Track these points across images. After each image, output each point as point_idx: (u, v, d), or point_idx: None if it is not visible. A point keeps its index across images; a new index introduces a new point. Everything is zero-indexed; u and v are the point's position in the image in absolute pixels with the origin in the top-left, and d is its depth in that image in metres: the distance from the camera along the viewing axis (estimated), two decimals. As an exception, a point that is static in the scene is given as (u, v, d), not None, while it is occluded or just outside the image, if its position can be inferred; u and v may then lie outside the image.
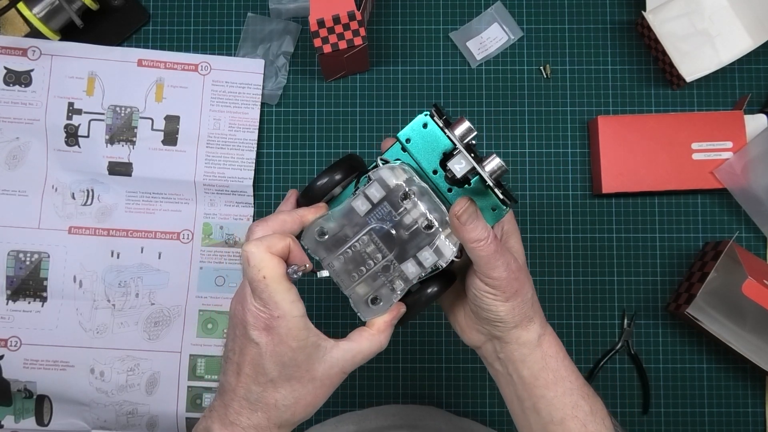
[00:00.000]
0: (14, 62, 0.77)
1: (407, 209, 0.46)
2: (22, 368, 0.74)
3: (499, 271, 0.45)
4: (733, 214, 0.78)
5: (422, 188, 0.46)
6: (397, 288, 0.48)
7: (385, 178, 0.46)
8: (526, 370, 0.49)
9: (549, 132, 0.79)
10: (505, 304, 0.47)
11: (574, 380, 0.49)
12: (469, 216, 0.44)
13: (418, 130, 0.47)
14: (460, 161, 0.45)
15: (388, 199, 0.46)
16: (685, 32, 0.76)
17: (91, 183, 0.76)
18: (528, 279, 0.48)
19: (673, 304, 0.75)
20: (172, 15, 0.80)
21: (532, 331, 0.49)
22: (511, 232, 0.52)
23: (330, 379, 0.46)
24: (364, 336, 0.47)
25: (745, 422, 0.76)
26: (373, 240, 0.47)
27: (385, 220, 0.46)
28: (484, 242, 0.44)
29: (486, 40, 0.79)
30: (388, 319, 0.48)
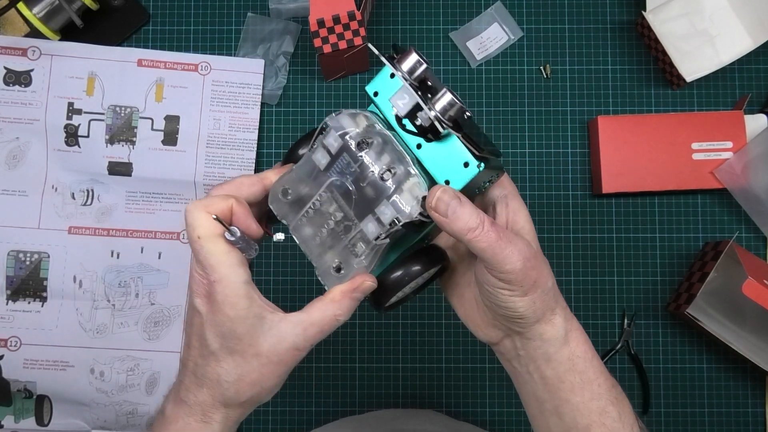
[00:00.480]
0: (14, 62, 0.77)
1: (366, 160, 0.40)
2: (22, 368, 0.74)
3: (511, 263, 0.39)
4: (733, 214, 0.78)
5: (385, 136, 0.40)
6: (359, 251, 0.41)
7: (345, 124, 0.40)
8: (550, 370, 0.43)
9: (549, 132, 0.79)
10: (523, 299, 0.41)
11: (603, 382, 0.44)
12: (447, 205, 0.38)
13: (385, 80, 0.42)
14: (402, 96, 0.39)
15: (347, 149, 0.40)
16: (685, 32, 0.76)
17: (91, 183, 0.76)
18: (545, 264, 0.42)
19: (673, 304, 0.75)
20: (172, 15, 0.80)
21: (557, 326, 0.42)
22: (518, 209, 0.44)
23: (278, 356, 0.41)
24: (316, 306, 0.41)
25: (745, 422, 0.76)
26: (335, 197, 0.41)
27: (345, 174, 0.40)
28: (478, 231, 0.38)
29: (486, 40, 0.79)
30: (346, 288, 0.42)
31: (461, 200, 0.39)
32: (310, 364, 0.76)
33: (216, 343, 0.40)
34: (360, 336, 0.77)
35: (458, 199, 0.39)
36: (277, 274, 0.78)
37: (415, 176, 0.39)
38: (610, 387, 0.44)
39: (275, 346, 0.40)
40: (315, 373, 0.77)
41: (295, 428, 0.76)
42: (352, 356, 0.77)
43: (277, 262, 0.78)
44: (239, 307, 0.39)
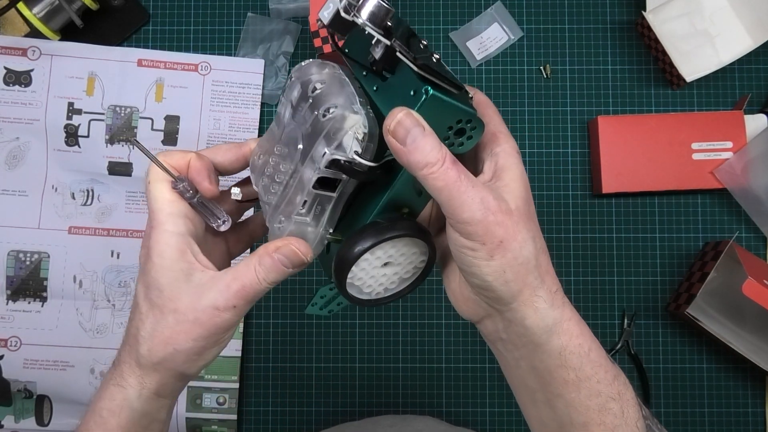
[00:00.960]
0: (14, 62, 0.77)
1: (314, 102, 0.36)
2: (22, 368, 0.74)
3: (469, 210, 0.34)
4: (733, 214, 0.78)
5: (341, 80, 0.36)
6: (297, 199, 0.36)
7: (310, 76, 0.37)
8: (539, 362, 0.38)
9: (549, 132, 0.79)
10: (489, 262, 0.35)
11: (603, 377, 0.38)
12: (407, 131, 0.33)
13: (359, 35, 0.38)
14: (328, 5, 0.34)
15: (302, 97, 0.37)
16: (685, 32, 0.76)
17: (91, 183, 0.76)
18: (525, 228, 0.36)
19: (673, 304, 0.75)
20: (172, 15, 0.80)
21: (540, 312, 0.36)
22: (508, 167, 0.37)
23: (195, 313, 0.37)
24: (243, 261, 0.38)
25: (745, 422, 0.76)
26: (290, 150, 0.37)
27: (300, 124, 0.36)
28: (436, 167, 0.33)
29: (486, 40, 0.79)
30: (270, 245, 0.38)
31: (425, 129, 0.33)
32: (310, 365, 0.77)
33: (141, 293, 0.39)
34: (360, 336, 0.77)
35: (422, 127, 0.33)
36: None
37: (357, 114, 0.34)
38: (611, 380, 0.39)
39: (194, 302, 0.37)
40: (315, 373, 0.77)
41: (295, 428, 0.76)
42: (352, 356, 0.77)
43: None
44: (166, 256, 0.37)
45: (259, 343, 0.77)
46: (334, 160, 0.34)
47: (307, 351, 0.77)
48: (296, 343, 0.77)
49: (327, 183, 0.36)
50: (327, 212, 0.38)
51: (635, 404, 0.39)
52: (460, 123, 0.35)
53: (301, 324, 0.77)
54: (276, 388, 0.76)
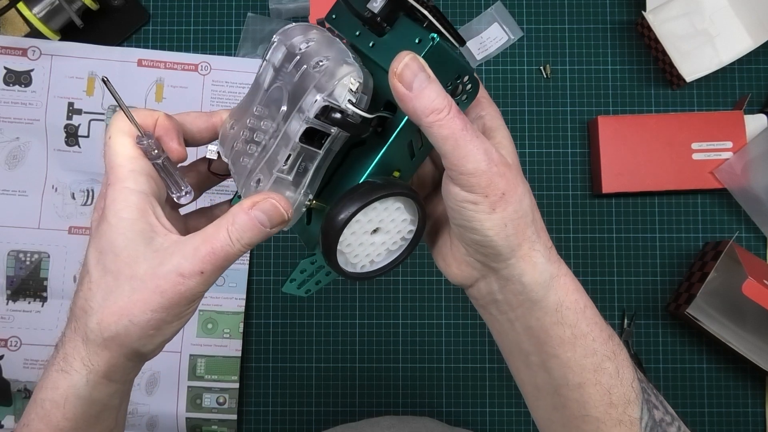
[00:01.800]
0: (14, 62, 0.77)
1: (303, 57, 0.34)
2: (22, 368, 0.74)
3: (474, 161, 0.33)
4: (733, 214, 0.78)
5: (323, 38, 0.35)
6: (280, 156, 0.34)
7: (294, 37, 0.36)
8: (534, 320, 0.37)
9: (549, 132, 0.79)
10: (491, 215, 0.34)
11: (598, 335, 0.37)
12: (414, 75, 0.32)
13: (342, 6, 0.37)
14: None
15: (287, 58, 0.35)
16: (685, 32, 0.76)
17: (91, 183, 0.76)
18: (523, 182, 0.35)
19: (673, 304, 0.75)
20: (172, 15, 0.80)
21: (538, 267, 0.36)
22: (496, 128, 0.38)
23: (155, 280, 0.33)
24: (211, 224, 0.34)
25: (745, 422, 0.76)
26: (270, 110, 0.35)
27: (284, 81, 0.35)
28: (443, 114, 0.32)
29: (486, 40, 0.79)
30: (246, 202, 0.34)
31: (430, 76, 0.32)
32: (310, 365, 0.77)
33: (93, 259, 0.34)
34: (360, 336, 0.77)
35: (427, 73, 0.32)
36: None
37: (351, 65, 0.33)
38: (607, 339, 0.38)
39: (155, 267, 0.33)
40: (315, 373, 0.77)
41: (295, 428, 0.76)
42: (352, 356, 0.77)
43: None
44: (124, 216, 0.33)
45: (259, 343, 0.77)
46: (325, 108, 0.32)
47: (307, 351, 0.77)
48: (296, 343, 0.77)
49: (313, 138, 0.34)
50: (310, 173, 0.35)
51: (630, 365, 0.39)
52: (458, 79, 0.35)
53: (301, 324, 0.77)
54: (276, 388, 0.76)
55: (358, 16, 0.35)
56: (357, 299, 0.77)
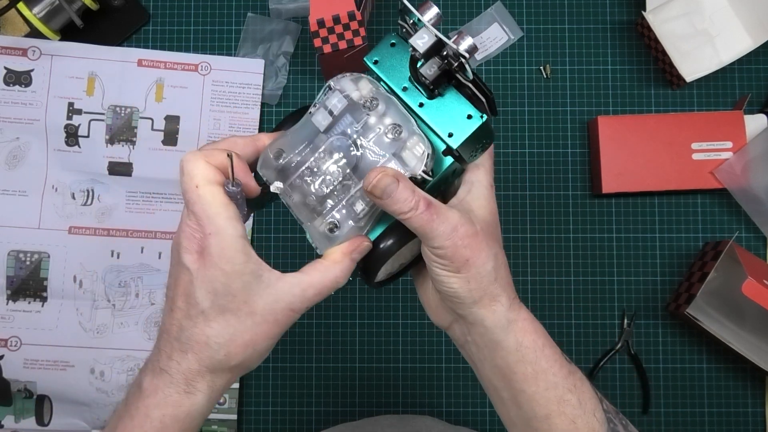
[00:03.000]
0: (14, 62, 0.77)
1: (372, 121, 0.40)
2: (22, 368, 0.74)
3: (440, 240, 0.39)
4: (733, 214, 0.78)
5: (388, 99, 0.41)
6: (358, 210, 0.41)
7: (347, 89, 0.41)
8: (500, 359, 0.43)
9: (549, 132, 0.79)
10: (457, 275, 0.41)
11: (558, 371, 0.43)
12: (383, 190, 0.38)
13: (386, 49, 0.43)
14: (422, 35, 0.38)
15: (350, 110, 0.40)
16: (685, 32, 0.76)
17: (91, 183, 0.76)
18: (487, 247, 0.41)
19: (673, 304, 0.75)
20: (172, 15, 0.80)
21: (497, 314, 0.42)
22: (478, 196, 0.43)
23: (274, 315, 0.39)
24: (316, 267, 0.41)
25: (745, 422, 0.76)
26: (333, 157, 0.41)
27: (347, 134, 0.40)
28: (411, 213, 0.39)
29: (486, 40, 0.79)
30: (346, 249, 0.41)
31: (398, 183, 0.38)
32: (310, 365, 0.77)
33: (207, 300, 0.38)
34: (360, 336, 0.77)
35: (396, 182, 0.38)
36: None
37: (418, 135, 0.40)
38: (567, 375, 0.43)
39: (271, 305, 0.39)
40: (315, 373, 0.77)
41: (295, 428, 0.76)
42: (352, 356, 0.77)
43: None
44: (236, 261, 0.38)
45: (259, 343, 0.76)
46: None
47: (307, 351, 0.77)
48: (296, 343, 0.77)
49: None
50: (375, 216, 0.42)
51: (593, 396, 0.44)
52: (484, 142, 0.42)
53: (301, 324, 0.77)
54: (276, 388, 0.76)
55: (417, 81, 0.41)
56: (357, 299, 0.77)
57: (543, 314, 0.77)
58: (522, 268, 0.77)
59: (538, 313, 0.77)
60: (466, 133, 0.40)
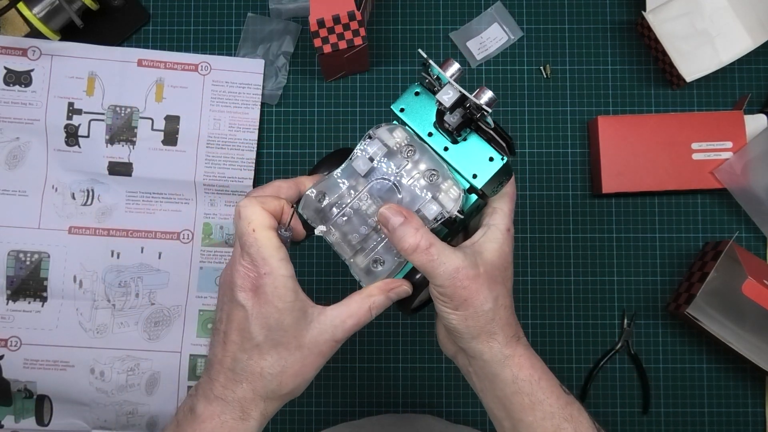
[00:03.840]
0: (14, 62, 0.77)
1: (407, 166, 0.45)
2: (22, 368, 0.74)
3: (440, 279, 0.43)
4: (733, 214, 0.78)
5: (421, 146, 0.46)
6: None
7: (385, 138, 0.46)
8: (499, 391, 0.46)
9: (549, 132, 0.79)
10: (455, 312, 0.44)
11: (554, 402, 0.46)
12: (387, 219, 0.43)
13: (411, 98, 0.48)
14: (447, 91, 0.43)
15: (388, 156, 0.45)
16: (685, 32, 0.76)
17: (91, 183, 0.76)
18: (487, 290, 0.44)
19: (673, 304, 0.75)
20: (172, 15, 0.80)
21: (494, 350, 0.45)
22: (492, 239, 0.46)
23: (319, 347, 0.44)
24: (353, 299, 0.45)
25: (745, 422, 0.76)
26: (374, 199, 0.46)
27: (386, 179, 0.46)
28: (411, 252, 0.43)
29: (486, 40, 0.79)
30: (384, 286, 0.45)
31: (405, 218, 0.43)
32: (310, 364, 0.76)
33: (261, 335, 0.42)
34: (360, 336, 0.77)
35: (402, 217, 0.43)
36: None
37: (451, 178, 0.45)
38: (564, 405, 0.46)
39: (316, 337, 0.44)
40: (315, 373, 0.76)
41: (295, 428, 0.76)
42: (352, 356, 0.77)
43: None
44: (287, 299, 0.42)
45: (259, 343, 0.76)
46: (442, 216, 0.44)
47: (307, 351, 0.77)
48: (296, 343, 0.77)
49: None
50: None
51: (590, 426, 0.47)
52: (504, 179, 0.46)
53: (301, 324, 0.77)
54: (276, 388, 0.76)
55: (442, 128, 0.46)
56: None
57: (543, 314, 0.77)
58: (522, 268, 0.77)
59: (538, 313, 0.77)
60: (489, 174, 0.45)
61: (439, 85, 0.46)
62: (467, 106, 0.43)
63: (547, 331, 0.77)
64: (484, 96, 0.42)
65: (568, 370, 0.77)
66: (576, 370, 0.77)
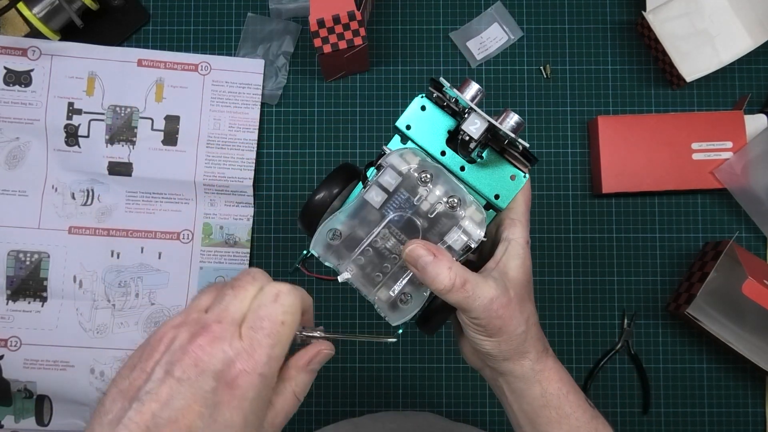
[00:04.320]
0: (14, 62, 0.77)
1: (425, 194, 0.42)
2: (22, 368, 0.74)
3: (476, 314, 0.42)
4: (733, 214, 0.78)
5: (437, 169, 0.42)
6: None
7: (397, 165, 0.41)
8: (526, 405, 0.46)
9: (549, 132, 0.79)
10: (490, 339, 0.44)
11: (581, 416, 0.46)
12: (416, 259, 0.40)
13: (417, 113, 0.44)
14: (474, 121, 0.39)
15: (403, 185, 0.41)
16: (685, 32, 0.76)
17: (91, 183, 0.76)
18: (520, 314, 0.44)
19: (673, 304, 0.75)
20: (172, 15, 0.80)
21: (525, 368, 0.46)
22: (514, 256, 0.45)
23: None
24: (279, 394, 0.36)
25: (745, 422, 0.76)
26: (393, 233, 0.42)
27: (404, 209, 0.42)
28: (446, 291, 0.41)
29: (486, 40, 0.79)
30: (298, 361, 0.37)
31: (435, 256, 0.41)
32: (310, 364, 0.76)
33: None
34: (360, 336, 0.77)
35: (432, 255, 0.41)
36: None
37: (474, 202, 0.42)
38: (590, 419, 0.46)
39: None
40: (315, 373, 0.76)
41: (295, 428, 0.76)
42: (352, 356, 0.77)
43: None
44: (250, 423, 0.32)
45: (259, 343, 0.76)
46: (468, 246, 0.42)
47: (307, 351, 0.77)
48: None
49: None
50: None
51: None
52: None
53: (301, 324, 0.77)
54: (276, 388, 0.76)
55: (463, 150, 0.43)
56: (357, 299, 0.77)
57: (543, 314, 0.77)
58: (522, 268, 0.77)
59: (538, 313, 0.77)
60: (512, 193, 0.43)
61: (455, 104, 0.42)
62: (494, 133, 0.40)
63: (547, 331, 0.76)
64: (511, 121, 0.39)
65: (568, 370, 0.76)
66: (576, 370, 0.77)
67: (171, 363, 0.31)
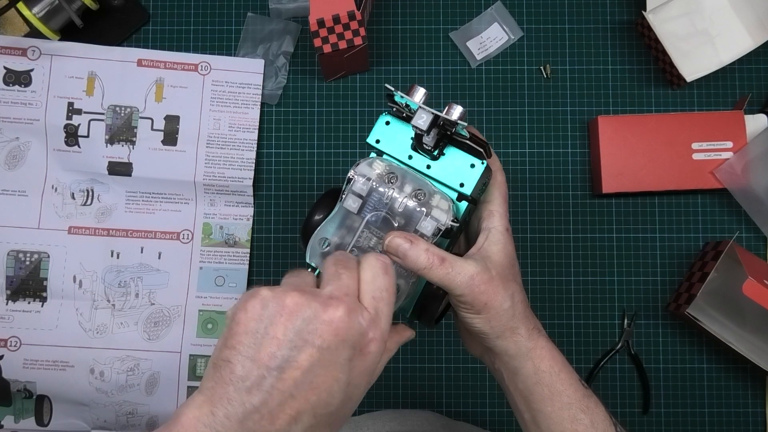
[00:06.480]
0: (14, 62, 0.77)
1: (395, 193, 0.47)
2: (22, 368, 0.74)
3: (458, 289, 0.44)
4: (733, 214, 0.78)
5: (402, 170, 0.47)
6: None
7: (366, 172, 0.47)
8: (520, 383, 0.48)
9: (549, 132, 0.79)
10: (479, 316, 0.46)
11: (572, 393, 0.48)
12: (396, 249, 0.43)
13: (383, 128, 0.49)
14: (421, 116, 0.45)
15: (375, 189, 0.47)
16: (685, 32, 0.76)
17: (91, 183, 0.76)
18: (503, 290, 0.46)
19: (673, 304, 0.75)
20: (172, 15, 0.80)
21: (518, 344, 0.47)
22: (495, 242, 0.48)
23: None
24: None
25: (745, 422, 0.76)
26: (374, 233, 0.47)
27: (379, 210, 0.47)
28: (426, 269, 0.43)
29: (486, 40, 0.79)
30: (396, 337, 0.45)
31: (412, 242, 0.43)
32: (310, 364, 0.76)
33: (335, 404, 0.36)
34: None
35: (409, 242, 0.43)
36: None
37: (438, 192, 0.47)
38: (581, 397, 0.48)
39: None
40: (315, 373, 0.76)
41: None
42: (352, 356, 0.77)
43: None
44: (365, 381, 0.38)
45: (259, 343, 0.76)
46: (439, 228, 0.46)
47: (307, 351, 0.77)
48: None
49: None
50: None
51: (606, 419, 0.48)
52: (487, 179, 0.48)
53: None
54: (276, 388, 0.76)
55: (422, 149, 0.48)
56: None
57: (543, 314, 0.77)
58: (522, 268, 0.76)
59: (538, 313, 0.77)
60: (474, 180, 0.47)
61: (408, 111, 0.48)
62: (440, 123, 0.45)
63: (547, 331, 0.76)
64: (455, 112, 0.44)
65: (568, 370, 0.77)
66: (576, 370, 0.76)
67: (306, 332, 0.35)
